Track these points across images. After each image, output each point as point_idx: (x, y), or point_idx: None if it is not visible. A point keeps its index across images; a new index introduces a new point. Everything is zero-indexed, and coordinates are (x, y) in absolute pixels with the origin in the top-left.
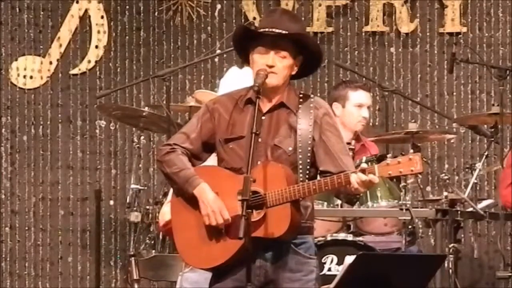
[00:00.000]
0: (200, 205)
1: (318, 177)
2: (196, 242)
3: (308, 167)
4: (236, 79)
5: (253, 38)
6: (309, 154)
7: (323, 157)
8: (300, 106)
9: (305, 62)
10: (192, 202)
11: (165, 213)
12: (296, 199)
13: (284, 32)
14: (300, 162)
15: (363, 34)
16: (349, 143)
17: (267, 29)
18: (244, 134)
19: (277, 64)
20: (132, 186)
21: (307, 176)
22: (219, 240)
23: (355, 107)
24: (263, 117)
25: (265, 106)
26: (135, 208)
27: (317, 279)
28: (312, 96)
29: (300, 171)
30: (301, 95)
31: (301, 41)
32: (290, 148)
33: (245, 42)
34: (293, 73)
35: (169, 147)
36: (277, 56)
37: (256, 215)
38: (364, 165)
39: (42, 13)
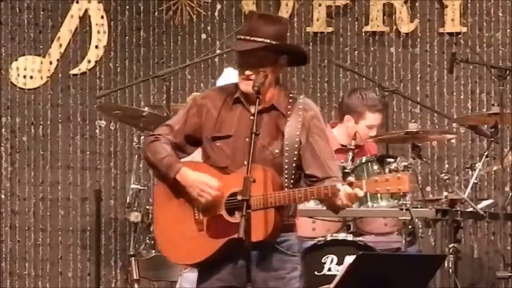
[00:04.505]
0: (187, 189)
1: (302, 180)
2: (177, 238)
3: (293, 171)
4: (232, 79)
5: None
6: (295, 158)
7: (310, 161)
8: (289, 107)
9: (291, 57)
10: (175, 192)
11: None
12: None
13: (255, 39)
14: (286, 166)
15: (363, 34)
16: (348, 145)
17: (241, 37)
18: (232, 133)
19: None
20: (132, 186)
21: (292, 180)
22: (200, 238)
23: (367, 127)
24: (251, 117)
25: (254, 107)
26: (135, 208)
27: (301, 276)
28: (301, 97)
29: (286, 175)
30: (291, 96)
31: (276, 49)
32: (277, 151)
33: None
34: (280, 72)
35: (153, 136)
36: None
37: (238, 217)
38: (351, 179)
39: (42, 13)
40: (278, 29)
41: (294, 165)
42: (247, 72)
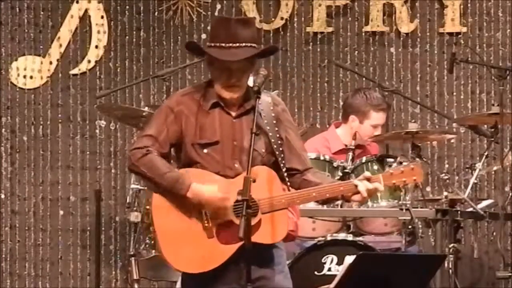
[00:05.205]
0: (202, 204)
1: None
2: (186, 247)
3: (285, 167)
4: None
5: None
6: (283, 155)
7: (289, 155)
8: (260, 103)
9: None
10: (179, 204)
11: None
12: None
13: (240, 45)
14: (282, 165)
15: (363, 34)
16: (349, 145)
17: (223, 44)
18: (218, 139)
19: (239, 79)
20: (132, 186)
21: (285, 174)
22: (211, 245)
23: (372, 127)
24: (234, 120)
25: (234, 111)
26: (135, 208)
27: None
28: (265, 92)
29: (284, 169)
30: (258, 93)
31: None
32: (263, 150)
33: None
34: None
35: (143, 150)
36: (239, 72)
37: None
38: (367, 174)
39: (42, 13)
40: (253, 31)
41: (283, 162)
42: (234, 81)
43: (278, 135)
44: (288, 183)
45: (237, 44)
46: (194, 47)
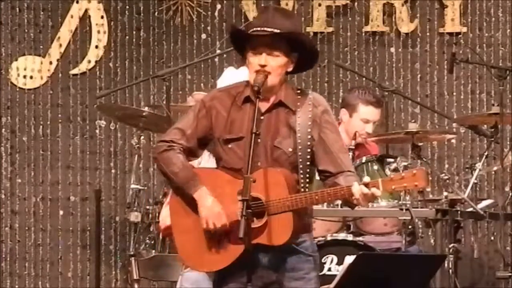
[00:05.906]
0: (199, 208)
1: (317, 176)
2: (198, 245)
3: (308, 169)
4: (233, 79)
5: (247, 38)
6: (308, 156)
7: (323, 156)
8: (298, 104)
9: (300, 58)
10: (192, 203)
11: (166, 216)
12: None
13: (273, 31)
14: (301, 165)
15: (363, 34)
16: (349, 145)
17: (257, 29)
18: (243, 134)
19: (270, 63)
20: (132, 186)
21: (307, 176)
22: (221, 244)
23: (361, 121)
24: (262, 117)
25: (264, 105)
26: (135, 208)
27: (318, 277)
28: (310, 92)
29: (301, 171)
30: (298, 92)
31: (293, 38)
32: (290, 149)
33: (241, 42)
34: (289, 69)
35: (167, 144)
36: (269, 56)
37: (257, 222)
38: (367, 179)
39: (42, 13)
40: (292, 23)
41: (308, 163)
42: (262, 59)
43: (309, 136)
44: (302, 184)
45: (272, 30)
46: (238, 31)
